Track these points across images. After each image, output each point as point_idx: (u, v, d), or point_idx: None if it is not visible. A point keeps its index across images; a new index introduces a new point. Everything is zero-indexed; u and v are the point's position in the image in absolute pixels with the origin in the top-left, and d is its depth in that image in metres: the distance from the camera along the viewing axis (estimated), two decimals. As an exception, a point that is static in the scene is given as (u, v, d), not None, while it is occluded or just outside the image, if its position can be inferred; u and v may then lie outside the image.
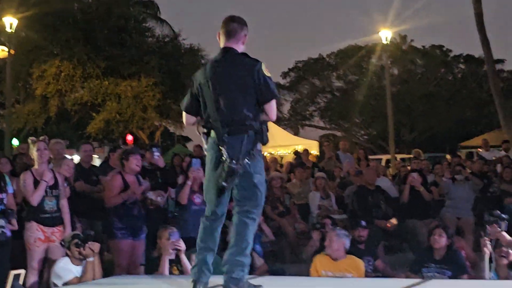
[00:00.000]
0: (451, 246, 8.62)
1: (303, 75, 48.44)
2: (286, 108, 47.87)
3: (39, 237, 8.61)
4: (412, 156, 19.93)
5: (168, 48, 31.42)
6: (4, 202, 8.39)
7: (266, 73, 5.71)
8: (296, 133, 42.14)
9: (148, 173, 10.07)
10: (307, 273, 8.70)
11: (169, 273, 7.81)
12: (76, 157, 16.49)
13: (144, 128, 30.95)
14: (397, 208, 12.79)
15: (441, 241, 8.52)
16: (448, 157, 21.37)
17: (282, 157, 25.03)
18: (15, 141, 28.88)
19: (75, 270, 7.74)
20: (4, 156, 11.77)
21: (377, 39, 33.93)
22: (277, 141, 23.83)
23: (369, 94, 43.19)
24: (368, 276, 8.90)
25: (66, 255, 7.90)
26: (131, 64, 29.00)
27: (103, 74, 28.78)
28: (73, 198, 9.63)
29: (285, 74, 48.80)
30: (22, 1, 26.49)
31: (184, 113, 6.06)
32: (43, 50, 28.73)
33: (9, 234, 8.39)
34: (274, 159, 17.04)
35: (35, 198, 8.61)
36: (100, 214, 9.57)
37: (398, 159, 29.25)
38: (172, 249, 7.90)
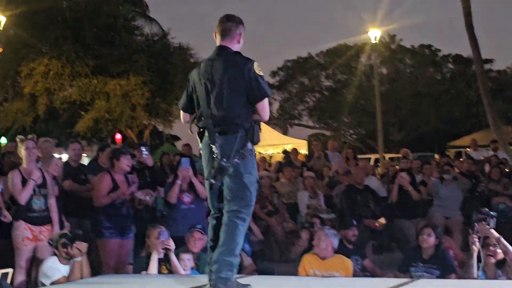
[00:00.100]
0: (440, 245, 8.64)
1: (292, 74, 48.45)
2: (275, 107, 47.89)
3: (27, 236, 8.58)
4: (400, 155, 19.98)
5: (157, 46, 31.37)
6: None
7: (258, 72, 5.72)
8: (285, 132, 42.11)
9: (136, 172, 10.06)
10: (296, 272, 8.71)
11: (158, 272, 7.80)
12: (64, 156, 16.42)
13: (133, 127, 30.89)
14: (386, 207, 12.82)
15: (429, 241, 8.54)
16: (437, 156, 21.41)
17: (271, 156, 25.05)
18: (3, 140, 28.82)
19: (63, 269, 7.73)
20: (-8, 154, 11.73)
21: (366, 39, 34.05)
22: (266, 141, 23.83)
23: (358, 94, 43.26)
24: (356, 275, 8.93)
25: (54, 254, 7.89)
26: (120, 63, 28.94)
27: (92, 73, 28.70)
28: (62, 197, 9.61)
29: (274, 73, 48.81)
30: (10, -1, 26.44)
31: (181, 111, 6.12)
32: (31, 48, 28.61)
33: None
34: (262, 159, 17.07)
35: (23, 197, 8.58)
36: (89, 213, 9.55)
37: (386, 158, 29.33)
38: (162, 248, 7.88)
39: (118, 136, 30.91)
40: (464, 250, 9.72)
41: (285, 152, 20.36)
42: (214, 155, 5.67)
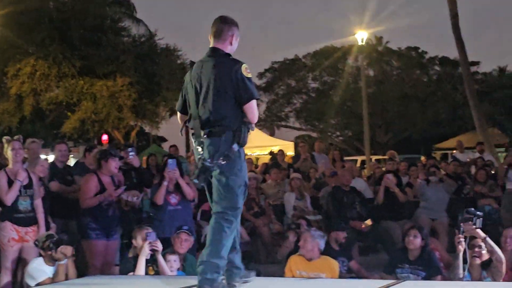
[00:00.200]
0: (425, 247, 8.65)
1: (279, 75, 48.43)
2: (262, 108, 47.84)
3: (13, 237, 8.57)
4: (387, 157, 20.03)
5: (144, 48, 31.26)
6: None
7: (246, 74, 5.73)
8: (272, 134, 42.10)
9: (123, 173, 10.03)
10: (282, 274, 8.72)
11: (145, 274, 7.79)
12: (51, 157, 16.37)
13: (120, 128, 30.78)
14: (372, 209, 12.87)
15: (415, 242, 8.56)
16: (423, 158, 21.48)
17: (258, 158, 25.08)
18: (-11, 140, 28.62)
19: (48, 270, 7.71)
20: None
21: (353, 41, 34.21)
22: (253, 142, 23.86)
23: (345, 96, 43.31)
24: (342, 276, 8.94)
25: (40, 255, 7.87)
26: (107, 64, 28.82)
27: (79, 74, 28.58)
28: (48, 198, 9.58)
29: (261, 75, 48.74)
30: (-4, -1, 26.35)
31: (178, 113, 6.16)
32: (18, 48, 28.46)
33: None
34: (249, 160, 17.06)
35: (9, 197, 8.56)
36: (75, 214, 9.52)
37: (373, 160, 29.40)
38: (150, 249, 7.86)
39: (105, 137, 30.82)
40: (450, 252, 9.75)
41: (272, 154, 20.38)
42: (199, 155, 5.73)
